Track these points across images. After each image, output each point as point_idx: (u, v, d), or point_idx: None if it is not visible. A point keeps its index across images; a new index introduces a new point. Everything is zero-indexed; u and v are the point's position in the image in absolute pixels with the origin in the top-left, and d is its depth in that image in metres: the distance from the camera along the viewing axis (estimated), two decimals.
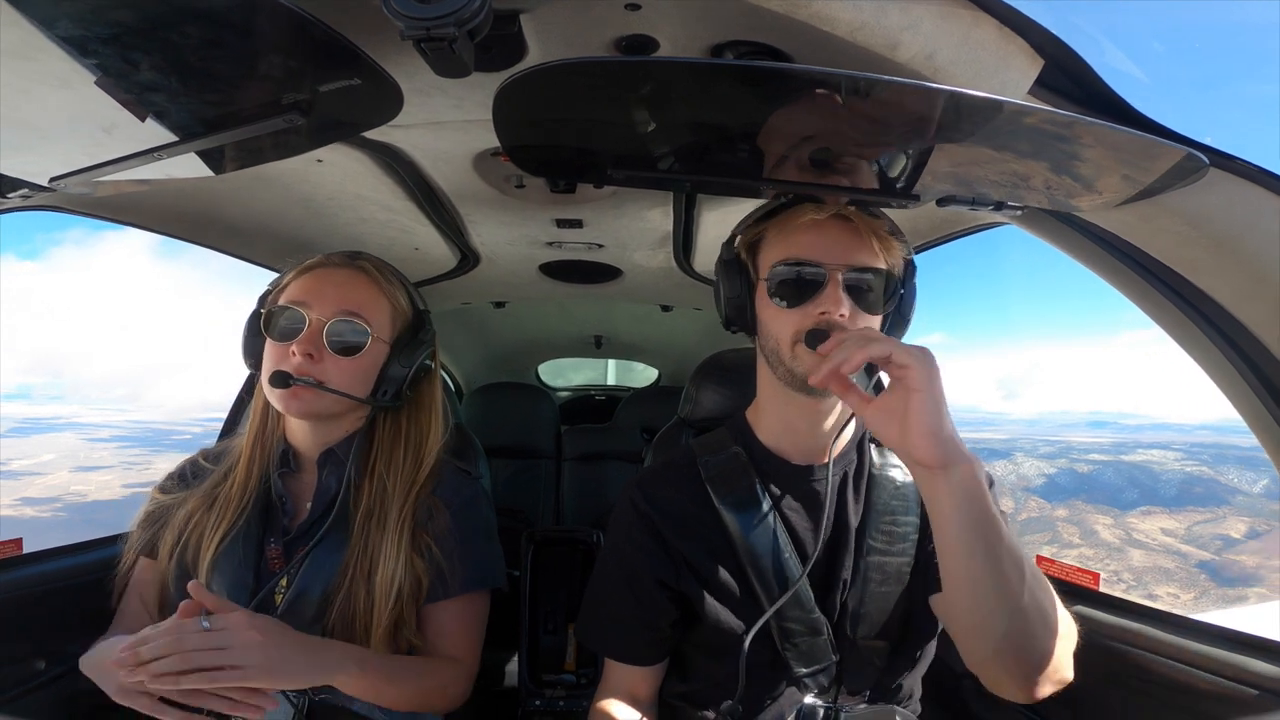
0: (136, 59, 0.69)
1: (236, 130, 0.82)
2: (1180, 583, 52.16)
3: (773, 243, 1.03)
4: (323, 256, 1.19)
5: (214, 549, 1.12)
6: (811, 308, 0.98)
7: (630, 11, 0.75)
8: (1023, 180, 0.91)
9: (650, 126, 0.84)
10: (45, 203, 1.18)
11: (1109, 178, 0.85)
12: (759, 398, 1.14)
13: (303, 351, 1.10)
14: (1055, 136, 0.77)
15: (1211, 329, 0.99)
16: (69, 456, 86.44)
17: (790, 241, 1.00)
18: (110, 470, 78.08)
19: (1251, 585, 51.24)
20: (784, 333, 1.00)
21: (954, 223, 1.38)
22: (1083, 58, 0.76)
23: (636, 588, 1.08)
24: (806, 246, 0.99)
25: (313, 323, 1.11)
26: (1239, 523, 63.67)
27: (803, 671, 1.04)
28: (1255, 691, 0.97)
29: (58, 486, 66.92)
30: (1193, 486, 74.27)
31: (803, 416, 1.07)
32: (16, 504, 63.00)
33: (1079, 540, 60.56)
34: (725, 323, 1.12)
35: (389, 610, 1.09)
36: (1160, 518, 65.33)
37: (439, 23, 0.60)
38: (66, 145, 0.90)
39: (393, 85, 0.76)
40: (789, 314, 0.99)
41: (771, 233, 1.03)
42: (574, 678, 1.94)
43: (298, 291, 1.14)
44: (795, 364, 0.99)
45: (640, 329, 3.32)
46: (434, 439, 1.24)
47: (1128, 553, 57.85)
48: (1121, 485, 75.68)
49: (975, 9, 0.70)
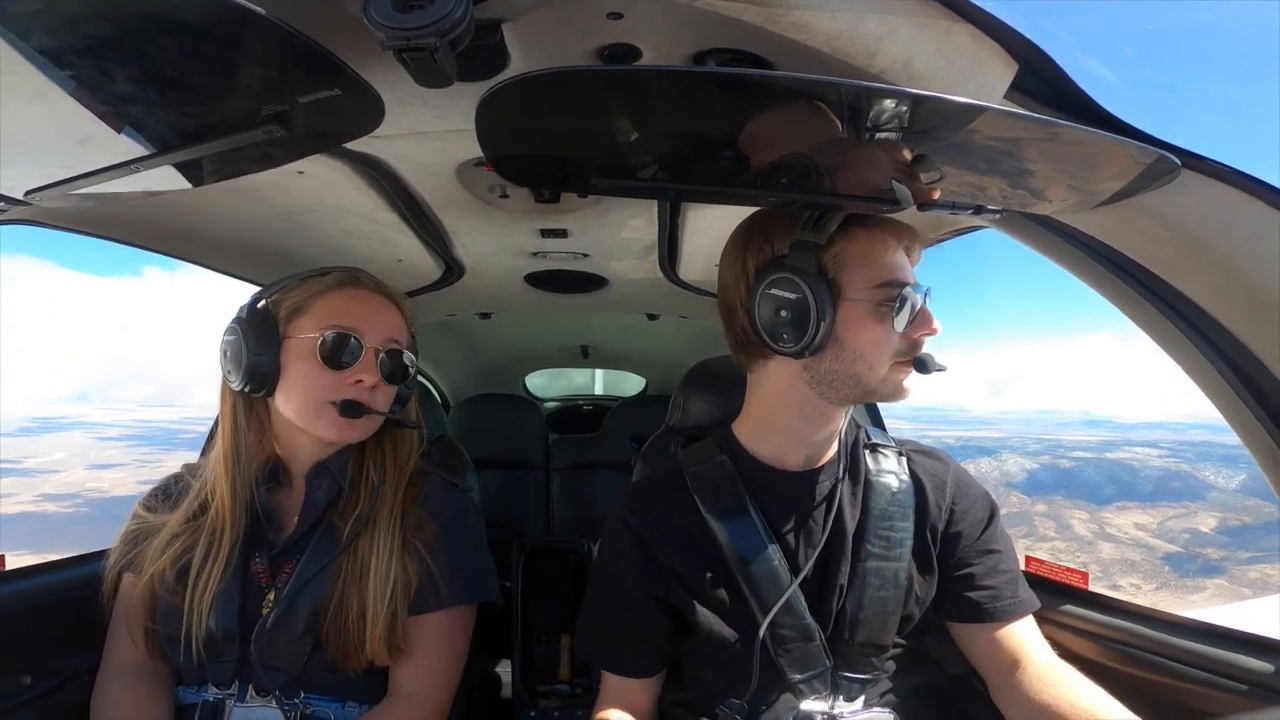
0: (112, 71, 0.68)
1: (215, 142, 0.81)
2: (1144, 574, 53.24)
3: (859, 261, 0.98)
4: (347, 274, 1.18)
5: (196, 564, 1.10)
6: (913, 328, 0.98)
7: (613, 20, 0.75)
8: (1001, 184, 0.92)
9: (634, 135, 0.84)
10: (21, 217, 1.16)
11: (1084, 181, 0.86)
12: (760, 412, 1.11)
13: (372, 382, 1.12)
14: (1031, 140, 0.78)
15: (1189, 328, 1.00)
16: (80, 455, 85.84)
17: (877, 261, 0.98)
18: (124, 468, 77.79)
19: (1212, 577, 52.45)
20: (884, 350, 0.98)
21: (935, 227, 1.40)
22: (1056, 61, 0.77)
23: (629, 601, 1.08)
24: (897, 268, 0.99)
25: (368, 351, 1.12)
26: (1210, 518, 64.88)
27: (797, 677, 1.04)
28: (1245, 687, 0.97)
29: (74, 483, 66.48)
30: (1170, 482, 75.55)
31: (818, 426, 1.07)
32: (38, 500, 62.52)
33: (1053, 534, 61.63)
34: (794, 325, 0.96)
35: (385, 610, 1.08)
36: (1135, 513, 66.52)
37: (420, 33, 0.59)
38: (41, 158, 0.89)
39: (374, 96, 0.75)
40: (891, 334, 0.97)
41: (855, 250, 0.98)
42: (569, 688, 1.93)
43: (341, 316, 1.13)
44: (885, 384, 0.99)
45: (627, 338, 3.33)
46: (412, 441, 1.25)
47: (1098, 546, 58.97)
48: (1101, 481, 76.79)
49: (951, 15, 0.71)
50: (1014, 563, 1.12)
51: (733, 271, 1.04)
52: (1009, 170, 0.86)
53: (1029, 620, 1.09)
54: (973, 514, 1.11)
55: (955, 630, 1.12)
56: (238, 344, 1.11)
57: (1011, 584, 1.09)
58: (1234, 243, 0.88)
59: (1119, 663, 1.12)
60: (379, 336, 1.14)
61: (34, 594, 1.27)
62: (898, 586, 1.06)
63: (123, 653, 1.14)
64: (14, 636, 1.21)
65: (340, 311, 1.13)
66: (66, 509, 54.23)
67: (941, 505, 1.11)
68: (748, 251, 1.02)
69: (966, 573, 1.09)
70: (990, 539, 1.11)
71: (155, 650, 1.13)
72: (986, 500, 1.14)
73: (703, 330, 2.80)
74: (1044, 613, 1.15)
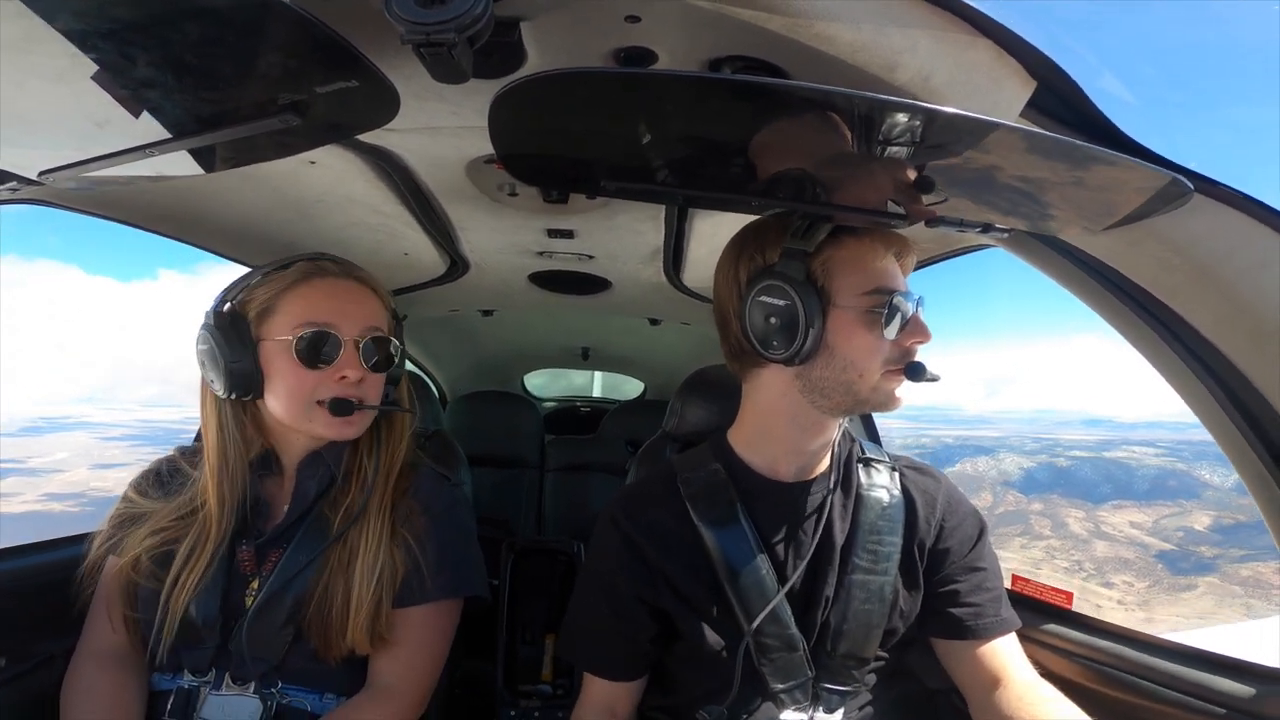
0: (134, 55, 0.68)
1: (231, 129, 0.81)
2: (1137, 572, 53.62)
3: (852, 269, 0.99)
4: (311, 265, 1.15)
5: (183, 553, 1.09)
6: (904, 337, 0.98)
7: (630, 23, 0.76)
8: (1011, 203, 0.92)
9: (646, 139, 0.84)
10: (33, 196, 1.15)
11: (1095, 202, 0.86)
12: (754, 421, 1.12)
13: (356, 377, 1.09)
14: (1044, 159, 0.78)
15: (1189, 355, 1.01)
16: (83, 455, 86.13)
17: (870, 269, 0.99)
18: (127, 467, 78.38)
19: (1204, 574, 52.83)
20: (875, 359, 0.98)
21: (943, 245, 1.40)
22: (1074, 80, 0.77)
23: (616, 604, 1.08)
24: (889, 275, 0.99)
25: (348, 344, 1.10)
26: (1204, 516, 65.31)
27: (779, 687, 1.04)
28: (1223, 710, 0.98)
29: (78, 483, 66.80)
30: (1166, 481, 75.98)
31: (810, 436, 1.07)
32: (43, 499, 62.80)
33: (1049, 532, 62.01)
34: (788, 338, 0.97)
35: (369, 598, 1.07)
36: (1130, 511, 66.94)
37: (439, 28, 0.59)
38: (56, 139, 0.89)
39: (390, 89, 0.75)
40: (882, 343, 0.98)
41: (848, 259, 0.99)
42: (550, 689, 1.93)
43: (313, 311, 1.10)
44: (876, 393, 0.99)
45: (628, 342, 3.33)
46: (404, 424, 1.23)
47: (1093, 544, 59.41)
48: (1097, 480, 77.09)
49: (972, 31, 0.72)
50: (999, 581, 1.13)
51: (726, 280, 1.05)
52: (1020, 189, 0.86)
53: (1012, 638, 1.10)
54: (962, 531, 1.12)
55: (938, 646, 1.13)
56: (212, 351, 1.08)
57: (995, 602, 1.10)
58: (1239, 270, 0.88)
59: (1099, 684, 1.13)
60: (357, 326, 1.12)
61: (9, 577, 1.26)
62: (883, 600, 1.06)
63: (100, 637, 1.12)
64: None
65: (311, 307, 1.10)
66: (72, 508, 54.43)
67: (931, 521, 1.12)
68: (740, 260, 1.03)
69: (951, 589, 1.09)
70: (977, 556, 1.12)
71: (135, 636, 1.12)
72: (976, 518, 1.14)
73: (704, 338, 2.80)
74: (1027, 631, 1.15)
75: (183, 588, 1.07)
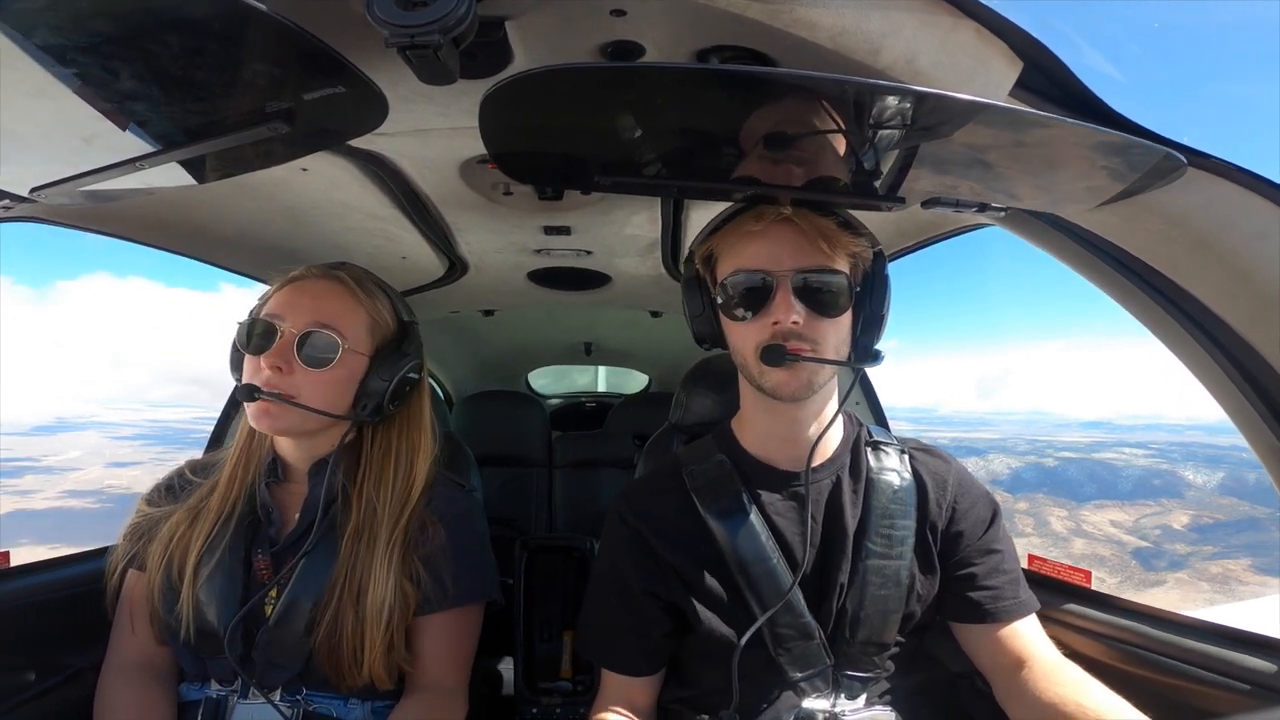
0: (117, 68, 0.68)
1: (220, 139, 0.81)
2: (1110, 568, 54.45)
3: (723, 256, 1.02)
4: (305, 268, 1.16)
5: (196, 557, 1.10)
6: (766, 318, 0.98)
7: (616, 17, 0.75)
8: (1005, 182, 0.92)
9: (637, 132, 0.84)
10: (26, 214, 1.16)
11: (1089, 178, 0.85)
12: (743, 406, 1.14)
13: (270, 364, 1.07)
14: (1036, 138, 0.78)
15: (1194, 326, 1.00)
16: (95, 454, 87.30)
17: (736, 253, 1.00)
18: (140, 465, 79.75)
19: (1174, 571, 53.56)
20: (746, 346, 1.00)
21: (939, 225, 1.39)
22: (1061, 59, 0.76)
23: (629, 600, 1.09)
24: (751, 256, 0.99)
25: (284, 335, 1.08)
26: (1184, 515, 65.92)
27: (798, 676, 1.04)
28: (1247, 687, 0.97)
29: (94, 481, 67.90)
30: (1151, 481, 76.44)
31: (785, 423, 1.08)
32: (62, 496, 63.85)
33: (1031, 530, 62.75)
34: (697, 340, 1.11)
35: (381, 635, 1.08)
36: (1111, 510, 67.46)
37: (423, 30, 0.59)
38: (46, 156, 0.89)
39: (378, 93, 0.75)
40: (747, 327, 1.00)
41: (721, 246, 1.03)
42: (570, 685, 1.93)
43: (275, 304, 1.12)
44: (764, 379, 1.00)
45: (630, 335, 3.32)
46: (425, 455, 1.21)
47: (1071, 542, 60.17)
48: (1082, 480, 77.56)
49: (955, 12, 0.71)
50: (1015, 563, 1.12)
51: None
52: (1014, 168, 0.86)
53: (1033, 619, 1.09)
54: (975, 513, 1.11)
55: (958, 630, 1.12)
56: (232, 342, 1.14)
57: (1013, 584, 1.09)
58: (1239, 240, 0.87)
59: (1120, 661, 1.12)
60: (302, 320, 1.09)
61: (38, 591, 1.27)
62: (899, 585, 1.06)
63: (126, 650, 1.14)
64: (18, 633, 1.21)
65: (277, 301, 1.12)
66: (91, 505, 55.12)
67: (943, 503, 1.11)
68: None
69: (968, 573, 1.08)
70: (992, 539, 1.11)
71: (161, 641, 1.14)
72: (989, 500, 1.14)
73: None
74: (1046, 611, 1.14)
75: (204, 581, 1.09)
